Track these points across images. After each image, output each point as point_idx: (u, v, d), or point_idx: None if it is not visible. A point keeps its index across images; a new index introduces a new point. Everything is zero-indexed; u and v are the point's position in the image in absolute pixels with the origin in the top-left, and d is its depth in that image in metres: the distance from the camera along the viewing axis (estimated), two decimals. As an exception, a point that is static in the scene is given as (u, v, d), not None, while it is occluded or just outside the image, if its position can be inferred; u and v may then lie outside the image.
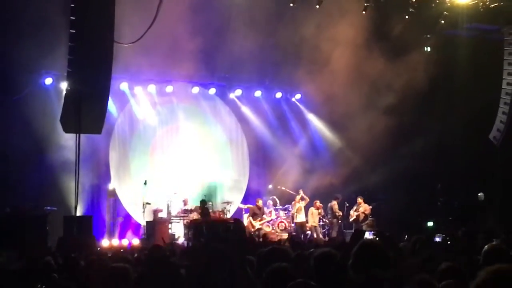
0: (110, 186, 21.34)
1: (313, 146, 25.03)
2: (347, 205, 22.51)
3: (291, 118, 25.30)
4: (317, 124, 25.03)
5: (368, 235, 13.46)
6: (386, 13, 20.78)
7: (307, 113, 25.19)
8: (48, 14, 17.61)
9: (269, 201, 22.68)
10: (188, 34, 19.71)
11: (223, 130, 24.30)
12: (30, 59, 18.63)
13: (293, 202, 22.22)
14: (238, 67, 22.36)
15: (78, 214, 16.99)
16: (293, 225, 22.07)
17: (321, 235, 21.46)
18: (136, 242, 19.69)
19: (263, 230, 21.03)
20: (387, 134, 21.46)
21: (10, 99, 19.23)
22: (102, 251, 14.31)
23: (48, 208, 17.21)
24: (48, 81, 20.31)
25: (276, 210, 22.39)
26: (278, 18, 20.48)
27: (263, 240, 16.27)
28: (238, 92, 24.29)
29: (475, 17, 20.92)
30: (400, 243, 9.35)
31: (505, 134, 21.00)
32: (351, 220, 22.02)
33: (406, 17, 20.59)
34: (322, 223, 22.30)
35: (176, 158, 22.80)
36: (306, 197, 21.97)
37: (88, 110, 15.39)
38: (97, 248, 15.71)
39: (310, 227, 21.71)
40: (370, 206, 21.84)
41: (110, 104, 19.66)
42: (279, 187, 23.27)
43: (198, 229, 18.53)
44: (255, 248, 7.19)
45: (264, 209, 22.03)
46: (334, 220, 22.07)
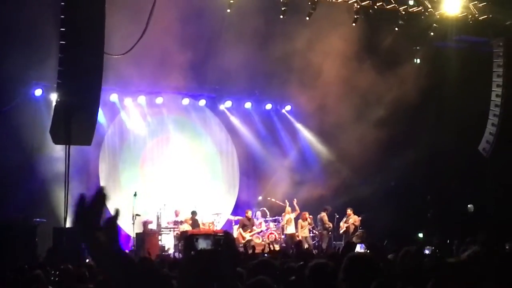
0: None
1: (303, 158, 25.00)
2: (337, 216, 22.43)
3: (281, 130, 25.28)
4: (307, 135, 25.01)
5: (359, 248, 13.46)
6: (376, 25, 20.85)
7: (297, 124, 25.19)
8: (38, 25, 17.56)
9: (258, 212, 22.66)
10: (178, 45, 19.72)
11: (213, 141, 24.28)
12: (19, 70, 18.55)
13: (283, 214, 22.17)
14: (228, 79, 22.35)
15: (68, 225, 16.88)
16: (283, 236, 22.03)
17: (312, 246, 21.41)
18: (125, 254, 19.56)
19: (253, 241, 20.98)
20: (377, 146, 21.49)
21: (-1, 110, 19.18)
22: (92, 263, 14.20)
23: (37, 220, 17.11)
24: (38, 92, 20.24)
25: (266, 221, 22.36)
26: (268, 30, 20.50)
27: (252, 252, 16.22)
28: (228, 103, 24.27)
29: (464, 29, 21.02)
30: (389, 255, 9.32)
31: (494, 146, 21.06)
32: (341, 231, 22.00)
33: (396, 29, 20.68)
34: (312, 235, 22.26)
35: (166, 169, 22.78)
36: (297, 208, 21.93)
37: (78, 121, 15.30)
38: (86, 260, 15.61)
39: (301, 239, 21.66)
40: (360, 218, 21.83)
41: (100, 115, 19.60)
42: (269, 199, 23.17)
43: (188, 240, 18.45)
44: (245, 260, 7.18)
45: (254, 220, 21.99)
46: (324, 232, 22.01)
